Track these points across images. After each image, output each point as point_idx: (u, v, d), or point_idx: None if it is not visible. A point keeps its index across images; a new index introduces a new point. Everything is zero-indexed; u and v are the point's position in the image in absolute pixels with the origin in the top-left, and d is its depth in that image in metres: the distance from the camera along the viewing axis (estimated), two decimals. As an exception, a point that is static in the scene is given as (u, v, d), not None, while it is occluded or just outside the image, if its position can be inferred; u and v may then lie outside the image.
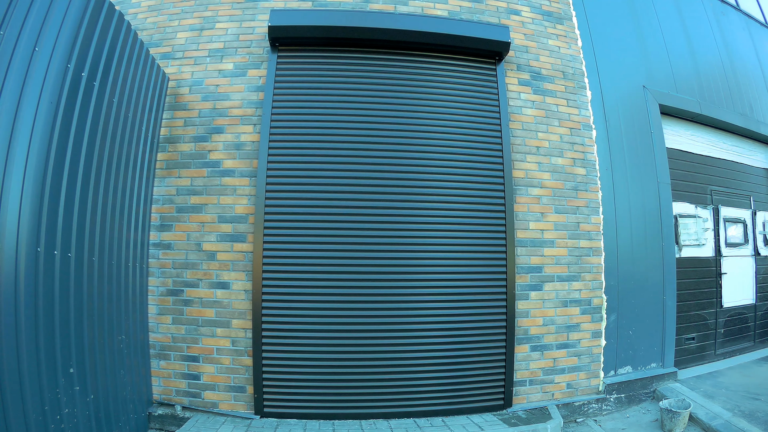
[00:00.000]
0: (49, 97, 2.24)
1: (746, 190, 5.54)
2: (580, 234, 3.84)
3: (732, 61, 5.58)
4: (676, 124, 4.95)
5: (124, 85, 2.92)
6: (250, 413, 3.28)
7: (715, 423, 3.34)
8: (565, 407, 3.61)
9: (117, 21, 2.83)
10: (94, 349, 2.59)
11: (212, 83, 3.67)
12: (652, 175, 4.34)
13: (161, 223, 3.47)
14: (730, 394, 3.90)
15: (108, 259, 2.79)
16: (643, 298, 4.10)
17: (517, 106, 3.90)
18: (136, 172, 3.16)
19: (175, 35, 3.79)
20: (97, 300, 2.65)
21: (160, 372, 3.35)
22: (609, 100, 4.25)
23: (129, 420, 2.95)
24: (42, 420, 2.12)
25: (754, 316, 5.42)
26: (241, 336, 3.33)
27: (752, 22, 6.27)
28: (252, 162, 3.51)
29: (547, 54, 4.09)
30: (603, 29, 4.44)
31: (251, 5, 3.84)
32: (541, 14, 4.19)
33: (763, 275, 5.54)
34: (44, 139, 2.20)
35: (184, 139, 3.59)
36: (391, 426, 3.17)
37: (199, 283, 3.40)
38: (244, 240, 3.42)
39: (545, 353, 3.64)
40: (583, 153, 3.98)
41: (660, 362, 4.16)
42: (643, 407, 3.86)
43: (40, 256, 2.17)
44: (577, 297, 3.77)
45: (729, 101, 5.33)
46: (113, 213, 2.86)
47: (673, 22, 5.10)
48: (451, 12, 3.99)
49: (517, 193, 3.73)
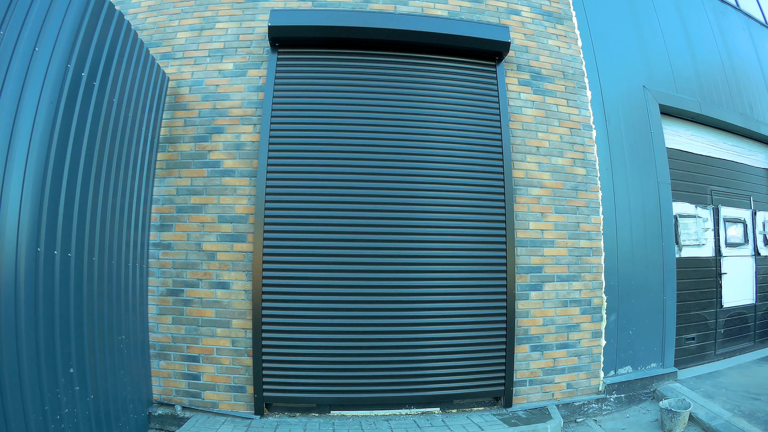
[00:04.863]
0: (49, 97, 2.24)
1: (746, 190, 5.54)
2: (580, 234, 3.84)
3: (732, 61, 5.58)
4: (676, 124, 4.95)
5: (124, 85, 2.92)
6: (250, 413, 3.28)
7: (715, 423, 3.34)
8: (565, 407, 3.61)
9: (117, 21, 2.83)
10: (94, 349, 2.59)
11: (212, 83, 3.67)
12: (652, 175, 4.34)
13: (161, 223, 3.48)
14: (730, 394, 3.90)
15: (108, 259, 2.79)
16: (643, 298, 4.10)
17: (517, 106, 3.90)
18: (136, 172, 3.16)
19: (175, 35, 3.79)
20: (97, 300, 2.65)
21: (160, 372, 3.35)
22: (609, 100, 4.25)
23: (129, 420, 2.95)
24: (42, 420, 2.12)
25: (754, 316, 5.42)
26: (241, 336, 3.33)
27: (752, 22, 6.27)
28: (252, 162, 3.51)
29: (547, 54, 4.09)
30: (603, 29, 4.44)
31: (251, 5, 3.84)
32: (541, 14, 4.19)
33: (763, 275, 5.54)
34: (44, 139, 2.20)
35: (184, 139, 3.59)
36: (391, 426, 3.17)
37: (199, 283, 3.40)
38: (244, 240, 3.42)
39: (545, 353, 3.64)
40: (583, 153, 3.98)
41: (660, 362, 4.16)
42: (643, 407, 3.86)
43: (40, 256, 2.17)
44: (577, 297, 3.77)
45: (729, 101, 5.33)
46: (113, 213, 2.86)
47: (673, 22, 5.10)
48: (451, 12, 4.00)
49: (517, 193, 3.73)
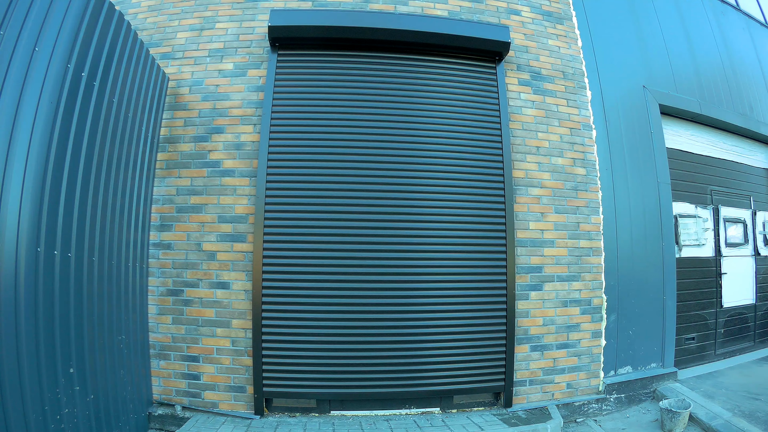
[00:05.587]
0: (49, 97, 2.24)
1: (746, 190, 5.54)
2: (580, 234, 3.84)
3: (732, 61, 5.58)
4: (676, 124, 4.95)
5: (124, 85, 2.92)
6: (250, 413, 3.28)
7: (715, 423, 3.34)
8: (565, 407, 3.61)
9: (117, 21, 2.83)
10: (94, 349, 2.59)
11: (212, 83, 3.67)
12: (652, 175, 4.34)
13: (161, 223, 3.48)
14: (730, 394, 3.90)
15: (108, 259, 2.79)
16: (643, 298, 4.10)
17: (517, 106, 3.90)
18: (136, 172, 3.16)
19: (175, 35, 3.79)
20: (97, 300, 2.65)
21: (160, 372, 3.35)
22: (609, 100, 4.25)
23: (129, 420, 2.95)
24: (42, 420, 2.12)
25: (754, 316, 5.42)
26: (241, 336, 3.33)
27: (752, 22, 6.27)
28: (252, 162, 3.51)
29: (547, 54, 4.09)
30: (603, 29, 4.44)
31: (251, 5, 3.84)
32: (541, 14, 4.19)
33: (763, 275, 5.53)
34: (44, 139, 2.20)
35: (184, 139, 3.59)
36: (391, 426, 3.17)
37: (199, 283, 3.40)
38: (244, 240, 3.42)
39: (545, 353, 3.64)
40: (583, 153, 3.98)
41: (660, 362, 4.16)
42: (643, 407, 3.86)
43: (40, 256, 2.17)
44: (577, 297, 3.77)
45: (729, 101, 5.33)
46: (113, 213, 2.86)
47: (673, 22, 5.10)
48: (451, 12, 3.99)
49: (517, 193, 3.73)
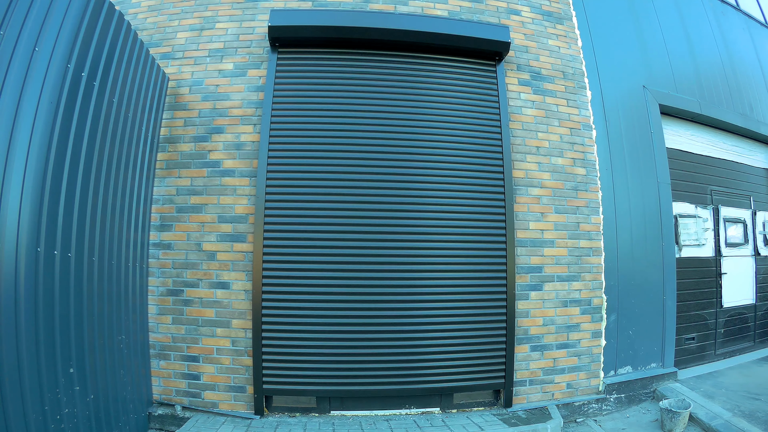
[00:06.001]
0: (49, 97, 2.24)
1: (746, 190, 5.54)
2: (580, 234, 3.84)
3: (732, 61, 5.58)
4: (676, 124, 4.95)
5: (124, 85, 2.92)
6: (250, 413, 3.28)
7: (715, 423, 3.34)
8: (565, 407, 3.61)
9: (117, 21, 2.83)
10: (94, 349, 2.59)
11: (212, 83, 3.67)
12: (652, 175, 4.34)
13: (161, 223, 3.48)
14: (730, 394, 3.90)
15: (108, 259, 2.79)
16: (643, 298, 4.10)
17: (517, 106, 3.90)
18: (136, 172, 3.16)
19: (175, 35, 3.79)
20: (97, 300, 2.65)
21: (160, 372, 3.35)
22: (609, 100, 4.25)
23: (129, 420, 2.95)
24: (42, 420, 2.12)
25: (754, 316, 5.42)
26: (241, 336, 3.33)
27: (752, 22, 6.27)
28: (252, 162, 3.51)
29: (547, 54, 4.09)
30: (603, 29, 4.44)
31: (251, 5, 3.84)
32: (541, 14, 4.19)
33: (763, 275, 5.53)
34: (44, 139, 2.20)
35: (184, 139, 3.59)
36: (391, 426, 3.17)
37: (199, 283, 3.40)
38: (244, 240, 3.42)
39: (545, 353, 3.64)
40: (583, 153, 3.98)
41: (660, 362, 4.16)
42: (643, 407, 3.86)
43: (40, 256, 2.17)
44: (577, 297, 3.77)
45: (729, 101, 5.33)
46: (113, 213, 2.86)
47: (673, 22, 5.10)
48: (451, 12, 3.99)
49: (517, 193, 3.73)
